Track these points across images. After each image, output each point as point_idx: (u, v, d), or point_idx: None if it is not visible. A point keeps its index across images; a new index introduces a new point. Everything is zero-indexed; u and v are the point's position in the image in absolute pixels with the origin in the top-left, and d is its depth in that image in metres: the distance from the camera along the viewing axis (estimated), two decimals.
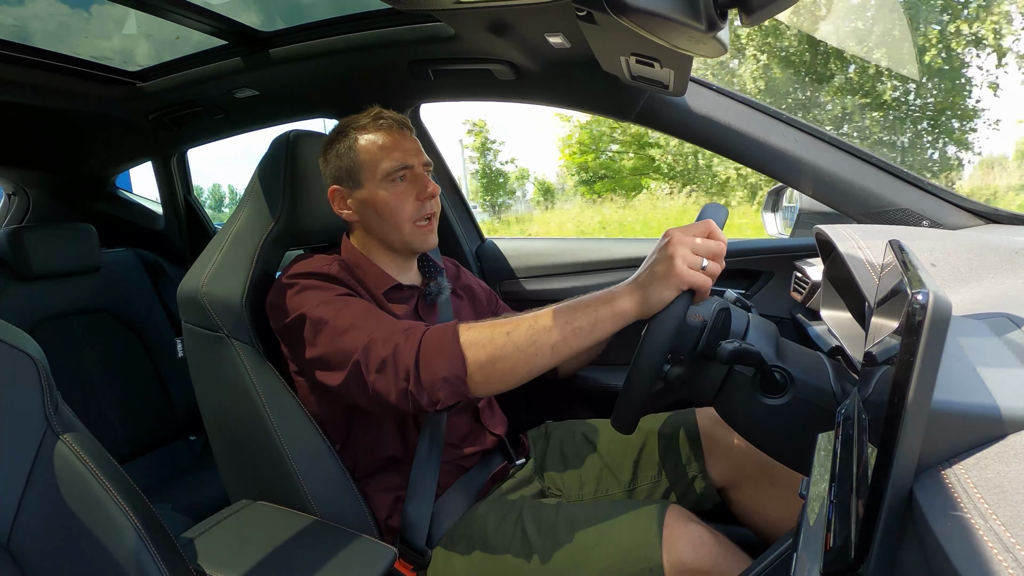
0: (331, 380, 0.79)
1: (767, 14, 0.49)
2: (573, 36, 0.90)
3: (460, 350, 0.71)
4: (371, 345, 0.74)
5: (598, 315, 0.69)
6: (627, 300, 0.68)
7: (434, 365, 0.71)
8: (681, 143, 13.02)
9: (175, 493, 1.48)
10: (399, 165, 0.89)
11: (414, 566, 0.87)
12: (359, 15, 1.11)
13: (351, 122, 0.92)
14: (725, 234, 0.72)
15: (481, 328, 0.73)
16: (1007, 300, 0.58)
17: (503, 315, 0.76)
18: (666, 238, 0.68)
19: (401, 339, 0.74)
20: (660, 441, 1.02)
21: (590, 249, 1.45)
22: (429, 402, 0.73)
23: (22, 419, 0.55)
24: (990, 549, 0.27)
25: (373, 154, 0.89)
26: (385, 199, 0.89)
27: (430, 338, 0.73)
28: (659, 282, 0.66)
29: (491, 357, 0.70)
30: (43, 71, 1.23)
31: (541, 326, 0.69)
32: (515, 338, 0.70)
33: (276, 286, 0.86)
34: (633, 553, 0.75)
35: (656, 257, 0.68)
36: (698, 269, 0.66)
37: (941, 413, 0.34)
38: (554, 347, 0.69)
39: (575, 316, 0.69)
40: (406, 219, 0.90)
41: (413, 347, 0.73)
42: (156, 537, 0.57)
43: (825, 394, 0.73)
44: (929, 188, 1.00)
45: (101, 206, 1.93)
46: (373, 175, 0.89)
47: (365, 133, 0.90)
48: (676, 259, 0.65)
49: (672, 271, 0.65)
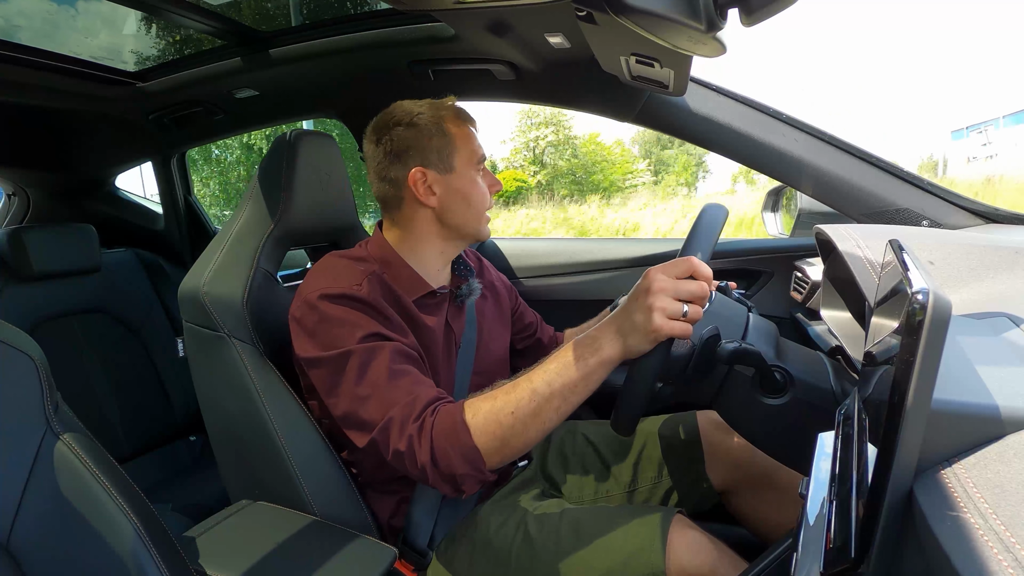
0: (353, 438, 0.79)
1: (767, 14, 0.49)
2: (573, 36, 0.90)
3: (473, 443, 0.70)
4: (388, 428, 0.74)
5: (588, 367, 0.68)
6: (611, 348, 0.68)
7: (450, 461, 0.71)
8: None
9: (175, 493, 1.48)
10: (484, 155, 0.91)
11: (415, 566, 0.87)
12: (359, 15, 1.11)
13: (432, 105, 0.88)
14: (724, 234, 0.72)
15: (486, 410, 0.71)
16: (1007, 300, 0.58)
17: (497, 384, 0.75)
18: (645, 281, 0.66)
19: (414, 431, 0.72)
20: (660, 443, 1.02)
21: (590, 249, 1.45)
22: (453, 491, 0.74)
23: (22, 419, 0.55)
24: (990, 549, 0.27)
25: (467, 139, 0.88)
26: (475, 184, 0.89)
27: (440, 433, 0.72)
28: (637, 333, 0.66)
29: (503, 440, 0.70)
30: (43, 71, 1.23)
31: (540, 395, 0.69)
32: (519, 415, 0.70)
33: (302, 304, 0.80)
34: (635, 558, 0.76)
35: (635, 304, 0.66)
36: (679, 317, 0.65)
37: (941, 413, 0.34)
38: (557, 410, 0.69)
39: (567, 372, 0.69)
40: (484, 208, 0.91)
41: (427, 445, 0.71)
42: (156, 537, 0.57)
43: (825, 394, 0.73)
44: (929, 188, 1.00)
45: (101, 206, 1.93)
46: (469, 160, 0.88)
47: (454, 118, 0.88)
48: (654, 312, 0.64)
49: (650, 325, 0.64)
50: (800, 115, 1.03)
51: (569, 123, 24.55)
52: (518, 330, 1.12)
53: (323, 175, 0.98)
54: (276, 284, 0.97)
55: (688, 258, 0.67)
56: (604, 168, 24.79)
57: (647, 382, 0.68)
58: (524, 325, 1.13)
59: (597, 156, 25.12)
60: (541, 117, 23.75)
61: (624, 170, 25.40)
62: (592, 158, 24.88)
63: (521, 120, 23.82)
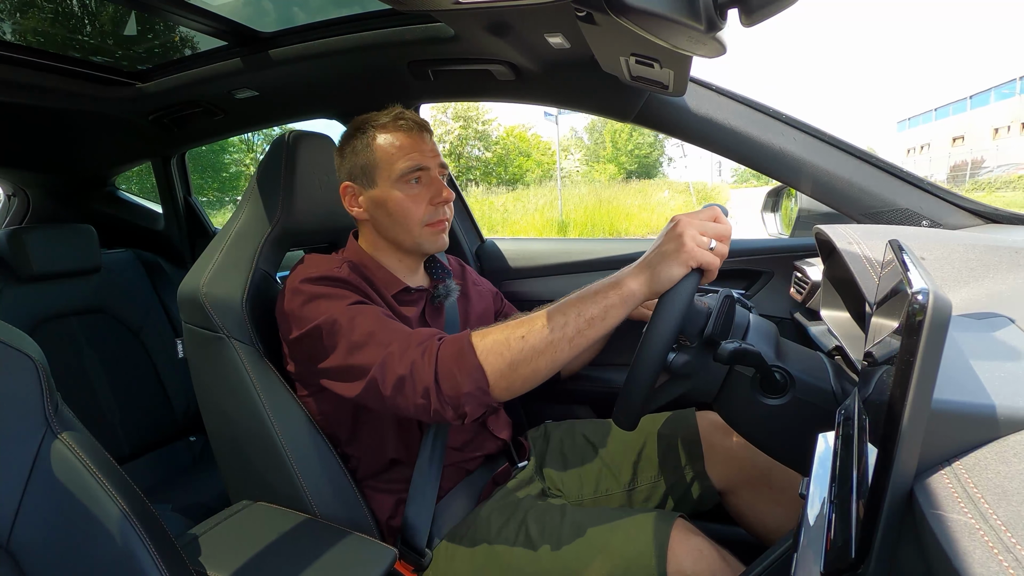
0: (346, 392, 0.78)
1: (767, 14, 0.49)
2: (573, 36, 0.90)
3: (478, 362, 0.70)
4: (387, 361, 0.73)
5: (608, 301, 0.69)
6: (635, 281, 0.69)
7: (455, 380, 0.70)
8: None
9: (175, 493, 1.48)
10: (415, 166, 0.88)
11: (414, 567, 0.87)
12: (359, 15, 1.11)
13: (371, 119, 0.90)
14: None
15: (496, 334, 0.71)
16: (1007, 300, 0.58)
17: (512, 316, 0.75)
18: (673, 222, 0.69)
19: (417, 355, 0.72)
20: (660, 442, 1.02)
21: (590, 249, 1.45)
22: (455, 416, 0.72)
23: (22, 420, 0.55)
24: (990, 549, 0.27)
25: (390, 154, 0.88)
26: (398, 199, 0.88)
27: (446, 353, 0.71)
28: (668, 259, 0.67)
29: (511, 363, 0.69)
30: (43, 72, 1.23)
31: (555, 323, 0.69)
32: (531, 340, 0.69)
33: (286, 293, 0.84)
34: (636, 563, 0.76)
35: (664, 238, 0.69)
36: (706, 248, 0.67)
37: (941, 413, 0.34)
38: (571, 341, 0.69)
39: (586, 306, 0.69)
40: (417, 221, 0.89)
41: (431, 364, 0.71)
42: (156, 537, 0.57)
43: (825, 394, 0.73)
44: (929, 188, 1.00)
45: (101, 206, 1.93)
46: (388, 174, 0.88)
47: (384, 132, 0.89)
48: (685, 237, 0.66)
49: (682, 248, 0.66)
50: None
51: (490, 117, 25.54)
52: None
53: (322, 176, 0.98)
54: (275, 285, 0.97)
55: (712, 207, 0.70)
56: (518, 160, 26.55)
57: (663, 347, 0.66)
58: None
59: (514, 149, 26.68)
60: (450, 112, 24.50)
61: (539, 161, 27.40)
62: (510, 151, 26.52)
63: (436, 114, 24.35)
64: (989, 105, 29.55)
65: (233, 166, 15.08)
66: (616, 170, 30.03)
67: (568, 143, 32.63)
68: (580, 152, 32.13)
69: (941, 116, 32.54)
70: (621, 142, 31.88)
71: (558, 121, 14.49)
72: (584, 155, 32.28)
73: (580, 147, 33.00)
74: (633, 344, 0.70)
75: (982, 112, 29.76)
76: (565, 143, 32.00)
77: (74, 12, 1.19)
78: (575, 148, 32.53)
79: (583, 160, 31.64)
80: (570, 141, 33.13)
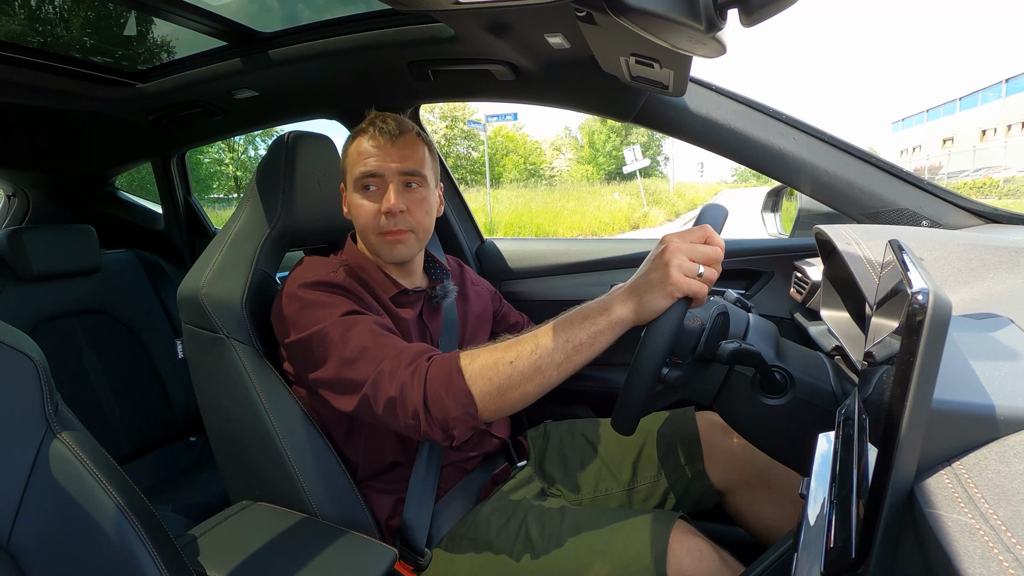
0: (342, 406, 0.78)
1: (767, 14, 0.49)
2: (573, 36, 0.90)
3: (467, 387, 0.70)
4: (378, 380, 0.73)
5: (596, 327, 0.68)
6: (623, 307, 0.68)
7: (443, 405, 0.70)
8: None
9: (175, 493, 1.48)
10: (366, 172, 0.86)
11: (414, 567, 0.87)
12: (359, 15, 1.11)
13: (361, 123, 0.91)
14: (723, 235, 0.71)
15: (484, 358, 0.71)
16: (1007, 300, 0.58)
17: (502, 337, 0.75)
18: (662, 244, 0.67)
19: (407, 377, 0.72)
20: (659, 442, 1.02)
21: (590, 249, 1.45)
22: (445, 438, 0.73)
23: (22, 420, 0.55)
24: (990, 549, 0.27)
25: (353, 158, 0.88)
26: (355, 205, 0.89)
27: (435, 376, 0.71)
28: (654, 289, 0.65)
29: (499, 388, 0.69)
30: (43, 72, 1.23)
31: (543, 348, 0.68)
32: (519, 366, 0.69)
33: (283, 297, 0.84)
34: (636, 563, 0.76)
35: (651, 264, 0.67)
36: (694, 276, 0.65)
37: (941, 413, 0.34)
38: (560, 367, 0.69)
39: (574, 332, 0.68)
40: (369, 228, 0.88)
41: (419, 387, 0.71)
42: (156, 537, 0.57)
43: (825, 394, 0.73)
44: (929, 188, 1.00)
45: (101, 206, 1.93)
46: (351, 179, 0.89)
47: (358, 136, 0.89)
48: (671, 267, 0.64)
49: (667, 279, 0.64)
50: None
51: (478, 117, 25.88)
52: (503, 330, 1.13)
53: (321, 177, 0.98)
54: (275, 285, 0.97)
55: (703, 225, 0.68)
56: (504, 159, 27.17)
57: (652, 372, 0.66)
58: (509, 326, 1.14)
59: (501, 148, 27.14)
60: (437, 112, 24.73)
61: (529, 159, 28.08)
62: (499, 150, 27.02)
63: (424, 114, 24.53)
64: (977, 107, 29.81)
65: (213, 166, 15.16)
66: (594, 171, 30.09)
67: (562, 142, 32.66)
68: (572, 152, 32.11)
69: (933, 117, 32.74)
70: (599, 143, 31.88)
71: (485, 128, 14.88)
72: (576, 154, 32.31)
73: (574, 146, 32.97)
74: (634, 344, 0.70)
75: (971, 114, 30.03)
76: (559, 142, 32.02)
77: (74, 12, 1.19)
78: (567, 148, 32.54)
79: (575, 159, 31.65)
80: (563, 140, 33.15)
